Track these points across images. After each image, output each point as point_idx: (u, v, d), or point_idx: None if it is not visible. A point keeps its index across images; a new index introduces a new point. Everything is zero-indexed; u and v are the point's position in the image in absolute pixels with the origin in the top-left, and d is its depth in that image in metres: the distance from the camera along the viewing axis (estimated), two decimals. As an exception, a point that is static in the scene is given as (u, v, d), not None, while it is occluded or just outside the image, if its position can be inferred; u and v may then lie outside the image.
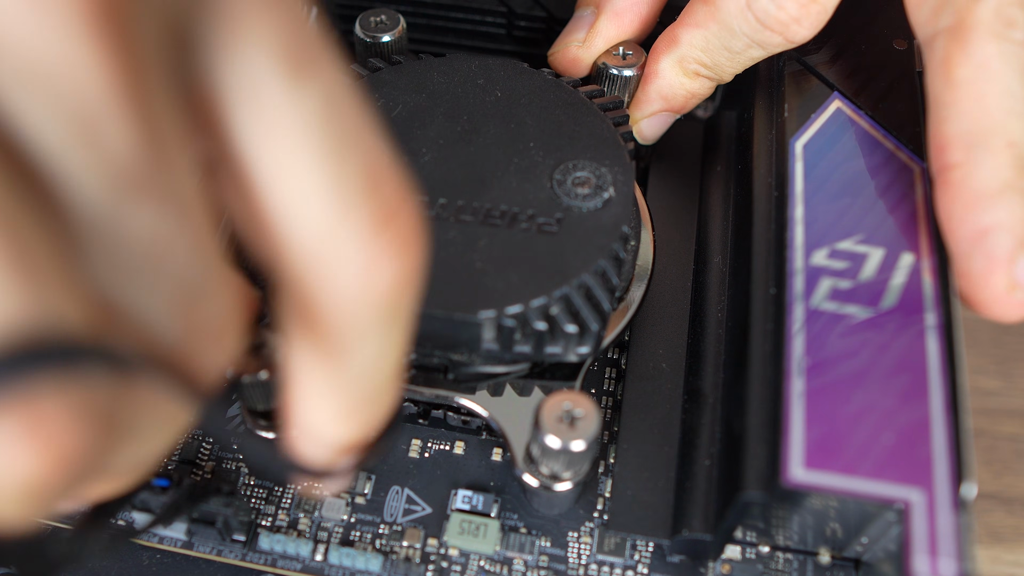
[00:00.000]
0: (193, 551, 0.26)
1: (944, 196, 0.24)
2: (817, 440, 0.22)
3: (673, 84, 0.29)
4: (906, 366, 0.23)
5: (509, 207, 0.25)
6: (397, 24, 0.31)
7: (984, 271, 0.23)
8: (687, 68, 0.29)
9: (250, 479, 0.27)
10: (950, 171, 0.24)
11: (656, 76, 0.29)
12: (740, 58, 0.28)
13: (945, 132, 0.24)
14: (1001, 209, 0.23)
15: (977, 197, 0.23)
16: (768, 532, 0.25)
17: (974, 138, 0.23)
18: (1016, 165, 0.23)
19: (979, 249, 0.23)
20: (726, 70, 0.29)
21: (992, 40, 0.23)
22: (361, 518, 0.27)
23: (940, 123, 0.24)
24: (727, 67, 0.29)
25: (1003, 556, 0.32)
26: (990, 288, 0.23)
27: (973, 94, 0.24)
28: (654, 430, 0.27)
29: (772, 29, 0.27)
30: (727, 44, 0.28)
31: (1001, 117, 0.23)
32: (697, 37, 0.28)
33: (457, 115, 0.27)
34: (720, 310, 0.28)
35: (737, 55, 0.28)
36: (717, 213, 0.31)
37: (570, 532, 0.26)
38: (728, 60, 0.28)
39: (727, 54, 0.28)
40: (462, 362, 0.25)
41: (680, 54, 0.29)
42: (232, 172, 0.14)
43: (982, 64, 0.23)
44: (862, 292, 0.24)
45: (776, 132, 0.28)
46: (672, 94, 0.30)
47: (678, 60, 0.29)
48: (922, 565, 0.20)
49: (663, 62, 0.29)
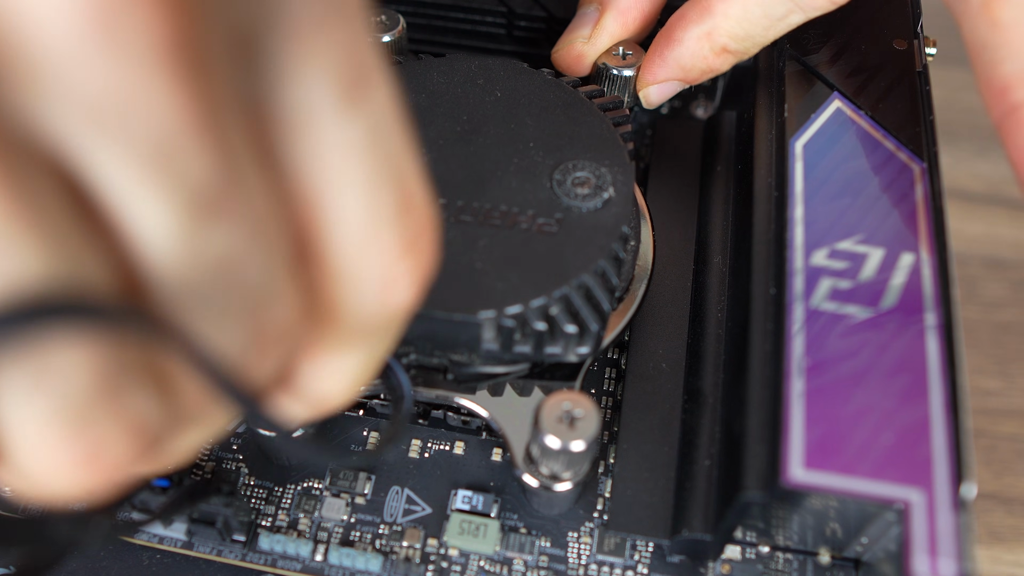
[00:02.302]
0: (193, 551, 0.26)
1: (1019, 136, 0.23)
2: (817, 440, 0.22)
3: (695, 55, 0.29)
4: (906, 366, 0.23)
5: (509, 207, 0.25)
6: (397, 24, 0.31)
7: None
8: (715, 42, 0.28)
9: (250, 479, 0.27)
10: (1020, 110, 0.23)
11: (679, 44, 0.29)
12: (778, 26, 0.27)
13: (1003, 73, 0.24)
14: None
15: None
16: (768, 532, 0.25)
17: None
18: None
19: None
20: (757, 41, 0.28)
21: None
22: (361, 518, 0.27)
23: (994, 66, 0.24)
24: (760, 38, 0.28)
25: (1003, 556, 0.32)
26: None
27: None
28: (654, 430, 0.27)
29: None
30: (768, 11, 0.27)
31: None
32: (735, 7, 0.27)
33: (457, 115, 0.27)
34: (720, 310, 0.28)
35: (776, 23, 0.27)
36: (717, 213, 0.31)
37: (570, 532, 0.26)
38: (764, 29, 0.27)
39: (765, 22, 0.27)
40: (462, 362, 0.25)
41: (712, 25, 0.28)
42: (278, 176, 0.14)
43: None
44: (862, 292, 0.24)
45: (776, 132, 0.28)
46: (692, 65, 0.29)
47: (707, 32, 0.28)
48: (922, 565, 0.20)
49: (691, 31, 0.28)
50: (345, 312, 0.16)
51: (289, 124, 0.14)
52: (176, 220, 0.12)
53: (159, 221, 0.12)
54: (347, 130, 0.14)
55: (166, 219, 0.12)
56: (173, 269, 0.13)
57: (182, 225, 0.12)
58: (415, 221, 0.16)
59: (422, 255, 0.16)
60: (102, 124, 0.11)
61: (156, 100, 0.12)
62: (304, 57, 0.13)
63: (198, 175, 0.12)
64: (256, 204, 0.13)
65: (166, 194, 0.12)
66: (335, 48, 0.14)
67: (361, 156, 0.14)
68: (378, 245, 0.15)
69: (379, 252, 0.15)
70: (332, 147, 0.14)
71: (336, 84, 0.14)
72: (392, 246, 0.15)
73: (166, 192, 0.12)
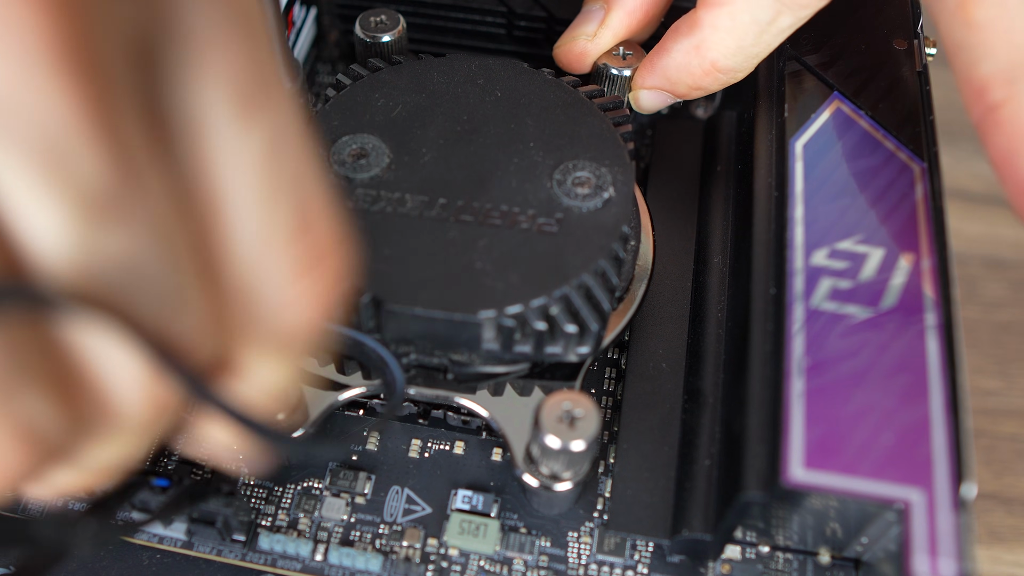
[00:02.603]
0: (193, 551, 0.26)
1: (998, 136, 0.23)
2: (817, 440, 0.22)
3: (682, 69, 0.28)
4: (906, 366, 0.23)
5: (509, 207, 0.25)
6: (397, 24, 0.31)
7: None
8: (704, 57, 0.28)
9: (250, 479, 0.27)
10: (998, 109, 0.23)
11: (667, 54, 0.28)
12: (769, 31, 0.27)
13: (980, 73, 0.24)
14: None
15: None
16: (768, 532, 0.25)
17: (1013, 72, 0.23)
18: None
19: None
20: (749, 54, 0.27)
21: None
22: (361, 518, 0.27)
23: (972, 66, 0.24)
24: (751, 49, 0.27)
25: (1003, 556, 0.32)
26: None
27: (999, 31, 0.23)
28: (654, 430, 0.27)
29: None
30: (755, 15, 0.26)
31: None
32: (722, 16, 0.27)
33: (457, 115, 0.27)
34: (720, 310, 0.28)
35: (766, 28, 0.26)
36: (717, 213, 0.31)
37: (570, 532, 0.26)
38: (755, 37, 0.27)
39: (755, 29, 0.26)
40: (462, 362, 0.25)
41: (700, 38, 0.27)
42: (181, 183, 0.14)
43: (1000, 2, 0.23)
44: (862, 292, 0.24)
45: (776, 132, 0.28)
46: (678, 79, 0.29)
47: (695, 45, 0.28)
48: (922, 565, 0.20)
49: (680, 43, 0.28)
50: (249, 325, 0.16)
51: (187, 133, 0.14)
52: (69, 222, 0.12)
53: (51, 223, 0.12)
54: (242, 143, 0.14)
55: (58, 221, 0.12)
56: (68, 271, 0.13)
57: (75, 227, 0.12)
58: (315, 241, 0.15)
59: (323, 276, 0.16)
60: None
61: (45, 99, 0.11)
62: (200, 67, 0.13)
63: (91, 177, 0.12)
64: (156, 208, 0.13)
65: (58, 195, 0.12)
66: (230, 60, 0.14)
67: (256, 171, 0.14)
68: (273, 265, 0.15)
69: (274, 272, 0.15)
70: (227, 159, 0.14)
71: (231, 96, 0.14)
72: (286, 267, 0.15)
73: (58, 193, 0.12)
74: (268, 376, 0.17)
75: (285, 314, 0.15)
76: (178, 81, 0.13)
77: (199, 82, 0.13)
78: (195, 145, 0.14)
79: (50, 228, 0.12)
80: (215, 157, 0.14)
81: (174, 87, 0.13)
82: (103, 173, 0.12)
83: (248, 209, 0.14)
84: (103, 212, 0.12)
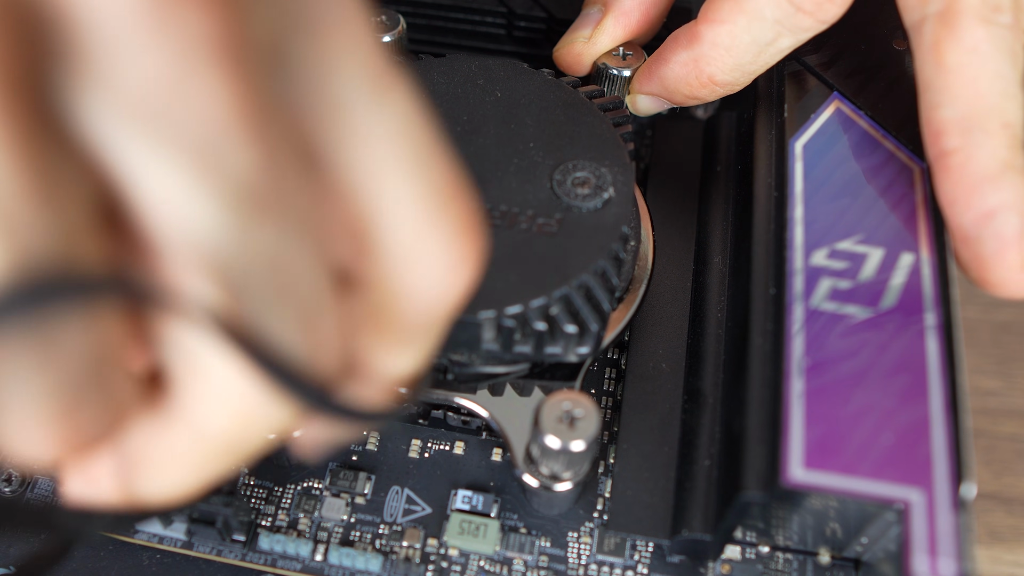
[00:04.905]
0: (193, 551, 0.26)
1: (945, 181, 0.24)
2: (817, 440, 0.22)
3: (679, 79, 0.28)
4: (906, 366, 0.23)
5: (509, 207, 0.25)
6: (397, 24, 0.31)
7: (995, 252, 0.23)
8: (701, 71, 0.28)
9: (250, 479, 0.27)
10: (949, 156, 0.24)
11: (665, 63, 0.28)
12: (768, 51, 0.27)
13: (940, 117, 0.24)
14: (1004, 190, 0.23)
15: (979, 180, 0.23)
16: (768, 532, 0.25)
17: (970, 122, 0.24)
18: (1012, 145, 0.23)
19: (987, 231, 0.23)
20: (747, 71, 0.27)
21: (980, 24, 0.24)
22: (361, 518, 0.27)
23: (934, 109, 0.24)
24: (749, 66, 0.27)
25: (1003, 556, 0.32)
26: (1003, 268, 0.23)
27: (966, 78, 0.24)
28: (654, 430, 0.27)
29: (805, 11, 0.26)
30: (756, 36, 0.26)
31: (995, 100, 0.24)
32: (722, 34, 0.27)
33: (457, 115, 0.27)
34: (720, 310, 0.28)
35: (765, 48, 0.27)
36: (717, 213, 0.31)
37: (570, 532, 0.26)
38: (754, 56, 0.27)
39: (754, 49, 0.27)
40: (462, 362, 0.25)
41: (699, 53, 0.27)
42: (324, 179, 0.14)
43: (972, 49, 0.24)
44: (862, 292, 0.24)
45: (776, 132, 0.28)
46: (675, 88, 0.29)
47: (694, 59, 0.28)
48: (922, 565, 0.20)
49: (679, 54, 0.28)
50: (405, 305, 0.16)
51: (328, 119, 0.14)
52: (221, 214, 0.12)
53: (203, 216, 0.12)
54: (384, 116, 0.14)
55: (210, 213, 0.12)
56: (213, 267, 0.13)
57: (227, 220, 0.12)
58: (464, 207, 0.16)
59: (475, 240, 0.16)
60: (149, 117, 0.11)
61: (205, 92, 0.12)
62: (333, 53, 0.14)
63: (245, 170, 0.12)
64: (300, 204, 0.13)
65: (212, 188, 0.12)
66: (358, 44, 0.14)
67: (402, 141, 0.15)
68: (437, 227, 0.15)
69: (439, 234, 0.15)
70: (374, 134, 0.14)
71: (366, 75, 0.14)
72: (448, 231, 0.15)
73: (212, 186, 0.12)
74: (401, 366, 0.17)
75: (455, 274, 0.16)
76: (314, 72, 0.14)
77: (334, 66, 0.14)
78: (340, 128, 0.14)
79: (201, 221, 0.12)
80: (363, 133, 0.14)
81: (310, 79, 0.14)
82: (256, 166, 0.12)
83: (404, 177, 0.15)
84: (255, 206, 0.13)
